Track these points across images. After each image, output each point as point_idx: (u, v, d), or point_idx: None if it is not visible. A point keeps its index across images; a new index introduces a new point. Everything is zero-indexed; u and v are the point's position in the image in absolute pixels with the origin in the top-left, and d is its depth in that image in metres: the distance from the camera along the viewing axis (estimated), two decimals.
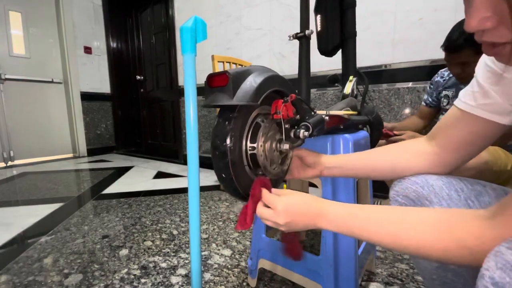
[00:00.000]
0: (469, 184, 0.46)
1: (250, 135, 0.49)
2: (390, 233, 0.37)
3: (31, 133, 3.03)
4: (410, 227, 0.36)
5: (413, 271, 0.92)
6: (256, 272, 0.84)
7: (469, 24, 0.29)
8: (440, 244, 0.33)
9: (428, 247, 0.34)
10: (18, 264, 0.99)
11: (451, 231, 0.33)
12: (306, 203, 0.44)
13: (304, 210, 0.44)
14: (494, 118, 0.43)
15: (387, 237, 0.38)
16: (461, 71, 1.04)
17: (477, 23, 0.28)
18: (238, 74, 0.43)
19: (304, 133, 0.51)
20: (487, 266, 0.27)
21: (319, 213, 0.43)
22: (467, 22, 0.29)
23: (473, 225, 0.32)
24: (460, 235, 0.32)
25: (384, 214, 0.39)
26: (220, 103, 0.42)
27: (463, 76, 1.06)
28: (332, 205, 0.44)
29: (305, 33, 0.65)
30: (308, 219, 0.44)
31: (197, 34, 0.42)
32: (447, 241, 0.33)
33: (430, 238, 0.34)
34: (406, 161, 0.52)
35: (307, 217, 0.44)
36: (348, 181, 0.69)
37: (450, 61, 1.06)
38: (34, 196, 1.82)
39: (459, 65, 1.03)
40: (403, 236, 0.36)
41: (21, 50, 2.94)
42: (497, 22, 0.27)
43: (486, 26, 0.28)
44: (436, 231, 0.34)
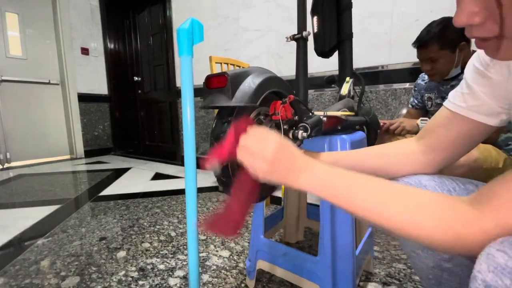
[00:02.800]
0: (461, 183, 0.47)
1: None
2: (377, 208, 0.34)
3: (28, 135, 3.01)
4: (399, 206, 0.33)
5: (411, 271, 0.93)
6: (255, 273, 0.84)
7: (458, 19, 0.29)
8: (429, 227, 0.31)
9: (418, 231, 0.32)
10: (15, 267, 0.98)
11: (441, 215, 0.31)
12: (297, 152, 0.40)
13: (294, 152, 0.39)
14: (483, 120, 0.43)
15: (371, 212, 0.34)
16: (430, 67, 1.09)
17: (465, 18, 0.29)
18: (237, 75, 0.43)
19: (303, 134, 0.51)
20: (479, 268, 0.27)
21: (306, 163, 0.39)
22: (456, 17, 0.30)
23: (461, 210, 0.31)
24: (449, 220, 0.31)
25: (374, 186, 0.36)
26: (219, 104, 0.42)
27: (433, 73, 1.10)
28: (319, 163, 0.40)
29: (302, 35, 0.65)
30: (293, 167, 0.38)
31: (194, 36, 0.42)
32: (436, 225, 0.31)
33: (420, 220, 0.32)
34: (396, 161, 0.52)
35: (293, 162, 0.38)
36: None
37: (420, 58, 1.12)
38: (31, 198, 1.80)
39: (428, 62, 1.09)
40: (389, 213, 0.33)
41: (18, 51, 2.93)
42: (485, 17, 0.28)
43: (474, 21, 0.28)
44: (426, 214, 0.32)
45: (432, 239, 0.32)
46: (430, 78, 1.16)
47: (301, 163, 0.39)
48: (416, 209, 0.33)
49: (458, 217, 0.31)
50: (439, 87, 1.18)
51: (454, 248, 0.31)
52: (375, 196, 0.35)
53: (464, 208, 0.31)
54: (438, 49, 1.04)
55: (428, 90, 1.24)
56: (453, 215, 0.31)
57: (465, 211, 0.31)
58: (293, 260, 0.76)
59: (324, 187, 0.37)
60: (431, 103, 1.23)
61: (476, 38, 0.31)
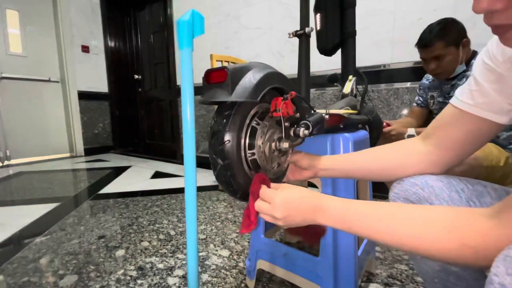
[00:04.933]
0: (470, 184, 0.45)
1: (248, 134, 0.48)
2: (391, 230, 0.36)
3: (27, 132, 3.00)
4: (411, 225, 0.35)
5: (413, 272, 0.92)
6: (255, 273, 0.83)
7: (478, 5, 0.28)
8: (442, 243, 0.32)
9: (430, 246, 0.33)
10: (13, 265, 0.97)
11: (455, 230, 0.31)
12: (304, 197, 0.43)
13: (302, 204, 0.43)
14: (492, 117, 0.42)
15: (386, 234, 0.36)
16: (436, 66, 1.08)
17: (487, 4, 0.27)
18: (237, 70, 0.41)
19: (304, 131, 0.50)
20: (496, 271, 0.26)
21: (318, 207, 0.42)
22: (476, 3, 0.28)
23: (477, 224, 0.31)
24: (464, 234, 0.31)
25: (385, 210, 0.38)
26: (218, 99, 0.41)
27: (439, 72, 1.09)
28: (330, 200, 0.42)
29: (305, 31, 0.64)
30: (306, 213, 0.42)
31: (195, 28, 0.40)
32: (450, 240, 0.31)
33: (432, 236, 0.33)
34: (401, 162, 0.51)
35: (305, 211, 0.42)
36: (348, 181, 0.68)
37: (425, 58, 1.11)
38: (30, 196, 1.80)
39: (433, 60, 1.08)
40: (404, 234, 0.35)
41: (18, 48, 2.91)
42: (507, 3, 0.26)
43: (496, 7, 0.27)
44: (439, 230, 0.32)
45: (451, 255, 0.32)
46: (436, 77, 1.14)
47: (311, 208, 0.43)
48: (429, 225, 0.34)
49: (472, 228, 0.31)
50: (441, 86, 1.18)
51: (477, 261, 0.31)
52: (387, 221, 0.37)
53: (478, 219, 0.31)
54: (444, 46, 1.03)
55: (431, 88, 1.24)
56: (467, 229, 0.31)
57: (481, 224, 0.31)
58: (294, 260, 0.75)
59: (340, 223, 0.40)
60: (433, 102, 1.22)
61: (494, 26, 0.29)
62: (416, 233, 0.34)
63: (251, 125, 0.48)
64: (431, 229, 0.33)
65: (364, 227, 0.38)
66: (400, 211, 0.37)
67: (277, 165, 0.55)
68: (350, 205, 0.41)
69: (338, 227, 0.41)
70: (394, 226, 0.36)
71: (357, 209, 0.40)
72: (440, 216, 0.34)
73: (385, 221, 0.37)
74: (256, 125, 0.49)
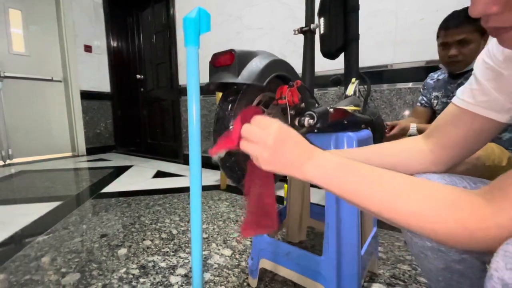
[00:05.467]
0: (472, 182, 0.46)
1: None
2: (387, 201, 0.33)
3: (30, 132, 3.01)
4: (411, 199, 0.32)
5: (416, 272, 0.91)
6: (257, 272, 0.83)
7: (474, 9, 0.29)
8: (436, 219, 0.30)
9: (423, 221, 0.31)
10: (15, 263, 0.98)
11: (454, 209, 0.30)
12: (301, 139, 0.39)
13: (297, 143, 0.38)
14: (492, 116, 0.42)
15: (381, 205, 0.33)
16: (458, 52, 1.02)
17: (482, 8, 0.28)
18: (244, 54, 0.41)
19: (309, 121, 0.50)
20: (496, 267, 0.26)
21: (310, 154, 0.37)
22: (472, 6, 0.29)
23: (476, 206, 0.30)
24: (461, 214, 0.30)
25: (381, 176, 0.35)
26: (224, 80, 0.40)
27: (458, 59, 1.04)
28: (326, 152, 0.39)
29: (310, 28, 0.64)
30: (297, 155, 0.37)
31: (201, 25, 0.40)
32: (445, 218, 0.30)
33: (427, 211, 0.31)
34: (403, 159, 0.51)
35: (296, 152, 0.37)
36: None
37: (449, 41, 1.04)
38: (32, 195, 1.80)
39: (456, 45, 1.02)
40: (401, 207, 0.32)
41: (21, 48, 2.93)
42: (502, 7, 0.27)
43: (491, 11, 0.28)
44: (435, 205, 0.31)
45: (445, 234, 0.30)
46: (452, 67, 1.08)
47: (305, 152, 0.37)
48: (428, 201, 0.31)
49: (471, 210, 0.30)
50: (446, 86, 1.17)
51: (469, 244, 0.30)
52: (384, 188, 0.33)
53: (477, 201, 0.30)
54: (472, 31, 0.98)
55: (435, 88, 1.23)
56: (466, 208, 0.30)
57: (478, 205, 0.30)
58: (297, 260, 0.75)
59: (329, 177, 0.36)
60: (437, 102, 1.21)
61: (491, 28, 0.30)
62: (414, 206, 0.32)
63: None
64: (428, 203, 0.31)
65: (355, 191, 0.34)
66: (399, 180, 0.34)
67: None
68: (345, 161, 0.37)
69: (325, 185, 0.36)
70: (392, 198, 0.33)
71: (352, 168, 0.36)
72: (441, 192, 0.32)
73: (382, 189, 0.33)
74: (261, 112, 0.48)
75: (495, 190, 0.30)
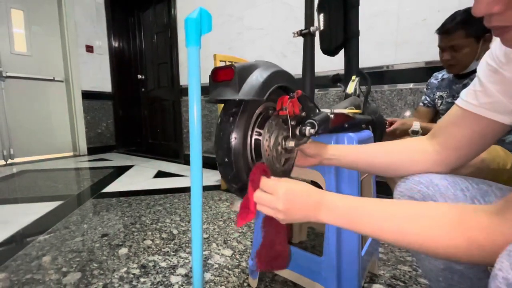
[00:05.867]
0: (475, 183, 0.45)
1: (254, 133, 0.48)
2: (396, 229, 0.35)
3: (31, 131, 3.02)
4: (416, 223, 0.34)
5: (416, 273, 0.91)
6: (257, 273, 0.83)
7: (477, 8, 0.29)
8: (449, 240, 0.32)
9: (436, 244, 0.33)
10: (16, 262, 0.98)
11: (460, 227, 0.31)
12: (308, 190, 0.42)
13: (306, 198, 0.42)
14: (496, 118, 0.42)
15: (391, 233, 0.36)
16: (451, 57, 1.05)
17: (485, 7, 0.28)
18: (244, 68, 0.42)
19: (310, 130, 0.50)
20: (500, 266, 0.26)
21: (321, 203, 0.41)
22: (475, 6, 0.29)
23: (482, 220, 0.31)
24: (470, 232, 0.31)
25: (389, 208, 0.37)
26: (225, 97, 0.41)
27: (453, 63, 1.06)
28: (334, 196, 0.42)
29: (309, 30, 0.64)
30: (309, 209, 0.41)
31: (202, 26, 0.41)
32: (457, 237, 0.31)
33: (438, 234, 0.32)
34: (406, 159, 0.51)
35: (308, 206, 0.41)
36: (352, 179, 0.68)
37: (442, 45, 1.07)
38: (34, 194, 1.81)
39: (450, 50, 1.04)
40: (410, 232, 0.34)
41: (23, 48, 2.94)
42: (504, 6, 0.27)
43: (493, 10, 0.28)
44: (445, 227, 0.32)
45: (458, 253, 0.31)
46: (449, 69, 1.11)
47: (315, 203, 0.41)
48: (435, 226, 0.33)
49: (480, 227, 0.31)
50: (451, 86, 1.16)
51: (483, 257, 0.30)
52: (393, 219, 0.36)
53: (485, 217, 0.31)
54: (463, 37, 0.99)
55: (440, 88, 1.22)
56: (474, 226, 0.31)
57: (487, 221, 0.30)
58: (297, 260, 0.75)
59: (343, 220, 0.39)
60: (441, 102, 1.20)
61: (494, 28, 0.30)
62: (422, 231, 0.33)
63: (258, 123, 0.48)
64: (437, 226, 0.33)
65: (369, 226, 0.38)
66: (405, 209, 0.37)
67: (283, 163, 0.55)
68: (353, 202, 0.40)
69: (341, 225, 0.40)
70: (400, 225, 0.35)
71: (362, 207, 0.39)
72: (445, 213, 0.34)
73: (390, 219, 0.36)
74: (262, 123, 0.49)
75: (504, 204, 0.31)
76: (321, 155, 0.58)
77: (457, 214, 0.33)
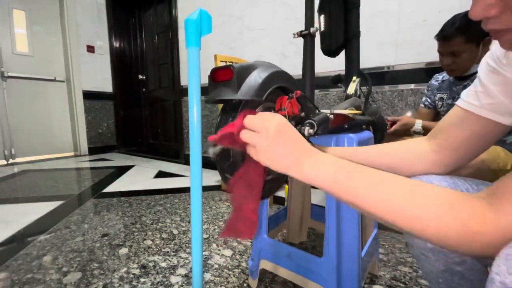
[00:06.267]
0: (474, 184, 0.45)
1: None
2: (384, 200, 0.33)
3: (32, 131, 3.03)
4: (409, 198, 0.32)
5: (417, 274, 0.91)
6: (257, 273, 0.83)
7: (474, 12, 0.29)
8: (442, 221, 0.30)
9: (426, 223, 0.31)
10: (17, 262, 0.98)
11: (456, 211, 0.30)
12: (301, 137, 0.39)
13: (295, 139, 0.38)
14: (497, 119, 0.42)
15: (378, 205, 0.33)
16: (452, 62, 1.05)
17: (481, 11, 0.28)
18: (243, 69, 0.42)
19: (309, 130, 0.50)
20: (498, 270, 0.26)
21: (309, 152, 0.37)
22: (472, 10, 0.29)
23: (477, 209, 0.30)
24: (464, 217, 0.29)
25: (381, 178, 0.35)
26: (224, 97, 0.41)
27: (453, 68, 1.06)
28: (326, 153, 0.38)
29: (309, 31, 0.64)
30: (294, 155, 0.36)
31: (202, 27, 0.41)
32: (449, 220, 0.30)
33: (431, 213, 0.31)
34: (405, 160, 0.51)
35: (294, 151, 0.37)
36: None
37: (442, 51, 1.07)
38: (35, 194, 1.81)
39: (450, 55, 1.04)
40: (399, 206, 0.32)
41: (25, 48, 2.95)
42: (501, 9, 0.27)
43: (490, 14, 0.28)
44: (440, 207, 0.31)
45: (447, 236, 0.30)
46: (450, 74, 1.11)
47: (304, 148, 0.37)
48: (428, 204, 0.31)
49: (473, 212, 0.29)
50: (451, 88, 1.16)
51: (471, 247, 0.29)
52: (384, 190, 0.33)
53: (478, 204, 0.30)
54: (462, 43, 0.99)
55: (440, 90, 1.22)
56: (468, 210, 0.30)
57: (479, 208, 0.30)
58: (297, 261, 0.75)
59: (327, 179, 0.35)
60: (442, 103, 1.20)
61: (491, 31, 0.30)
62: (415, 207, 0.31)
63: None
64: (431, 205, 0.31)
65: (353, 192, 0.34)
66: (398, 183, 0.34)
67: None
68: (346, 163, 0.36)
69: (324, 186, 0.36)
70: (390, 198, 0.32)
71: (353, 168, 0.36)
72: (441, 194, 0.32)
73: (381, 190, 0.33)
74: None
75: (497, 193, 0.30)
76: None
77: (452, 197, 0.31)
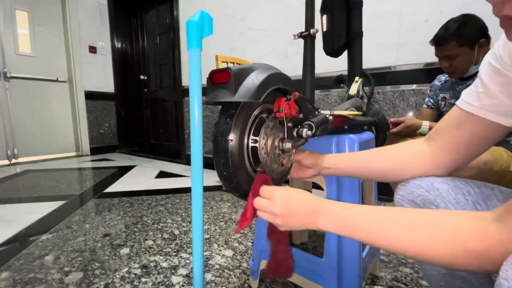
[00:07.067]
0: (476, 187, 0.45)
1: (252, 134, 0.48)
2: (393, 236, 0.35)
3: (35, 131, 3.05)
4: (413, 231, 0.34)
5: (418, 275, 0.91)
6: (258, 274, 0.83)
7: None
8: (446, 248, 0.32)
9: (433, 252, 0.32)
10: (19, 261, 0.99)
11: (458, 234, 0.31)
12: (305, 197, 0.43)
13: (303, 205, 0.42)
14: (498, 120, 0.41)
15: (389, 241, 0.36)
16: (449, 65, 1.07)
17: None
18: (240, 71, 0.42)
19: (307, 132, 0.50)
20: (505, 275, 0.25)
21: (318, 210, 0.41)
22: None
23: (479, 228, 0.30)
24: (467, 239, 0.30)
25: (387, 216, 0.37)
26: (222, 99, 0.41)
27: (451, 70, 1.08)
28: (332, 204, 0.42)
29: (310, 32, 0.64)
30: (306, 215, 0.42)
31: (203, 28, 0.41)
32: (454, 246, 0.31)
33: (436, 242, 0.32)
34: (404, 163, 0.50)
35: (305, 213, 0.42)
36: (353, 182, 0.68)
37: (438, 55, 1.10)
38: (37, 194, 1.82)
39: (446, 59, 1.07)
40: (407, 240, 0.34)
41: (27, 48, 2.97)
42: None
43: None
44: (442, 235, 0.32)
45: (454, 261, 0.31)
46: (449, 76, 1.13)
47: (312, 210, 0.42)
48: (432, 233, 0.33)
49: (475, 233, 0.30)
50: (454, 87, 1.16)
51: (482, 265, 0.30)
52: (390, 227, 0.36)
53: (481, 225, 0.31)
54: (457, 46, 1.01)
55: (443, 90, 1.22)
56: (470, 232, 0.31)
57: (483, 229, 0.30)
58: (298, 261, 0.75)
59: (341, 229, 0.40)
60: (445, 103, 1.21)
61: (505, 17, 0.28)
62: (420, 239, 0.33)
63: (255, 125, 0.48)
64: (435, 234, 0.33)
65: (366, 234, 0.38)
66: (402, 216, 0.37)
67: (280, 165, 0.56)
68: (351, 209, 0.40)
69: (339, 232, 0.40)
70: (397, 233, 0.35)
71: (359, 215, 0.39)
72: (443, 221, 0.33)
73: (387, 227, 0.36)
74: (259, 125, 0.49)
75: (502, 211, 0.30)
76: (319, 165, 0.58)
77: (455, 222, 0.32)
